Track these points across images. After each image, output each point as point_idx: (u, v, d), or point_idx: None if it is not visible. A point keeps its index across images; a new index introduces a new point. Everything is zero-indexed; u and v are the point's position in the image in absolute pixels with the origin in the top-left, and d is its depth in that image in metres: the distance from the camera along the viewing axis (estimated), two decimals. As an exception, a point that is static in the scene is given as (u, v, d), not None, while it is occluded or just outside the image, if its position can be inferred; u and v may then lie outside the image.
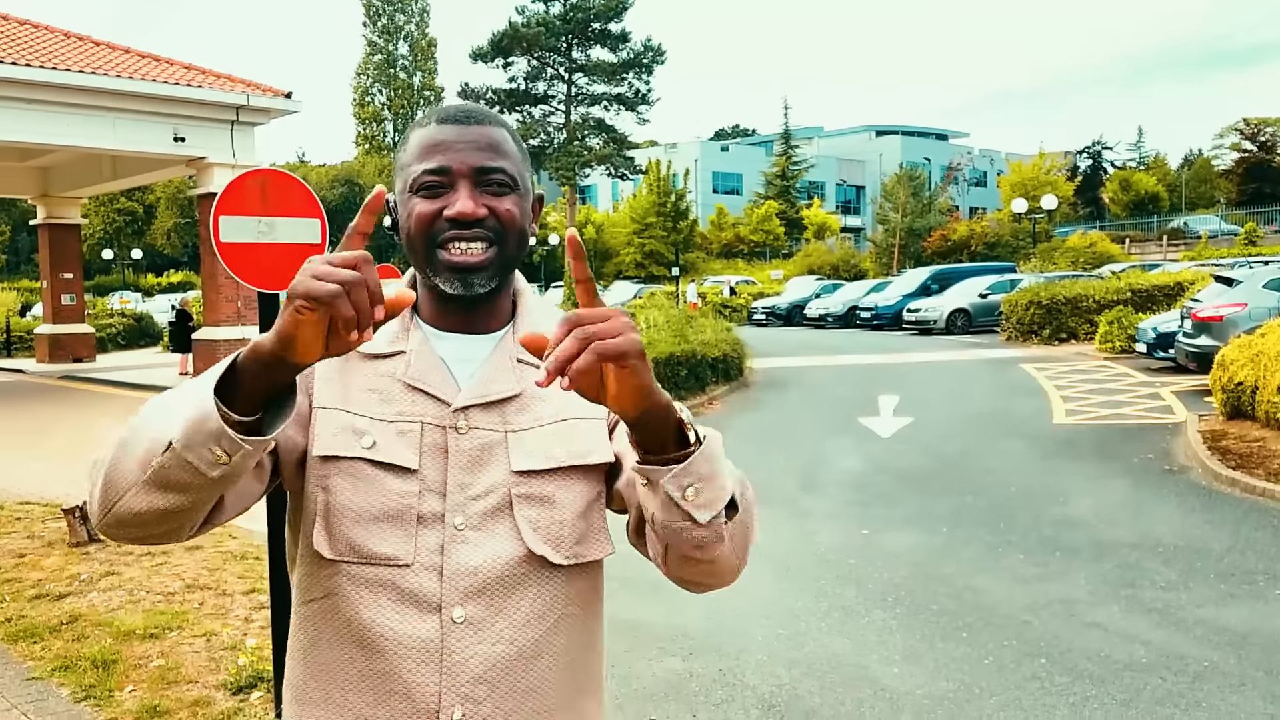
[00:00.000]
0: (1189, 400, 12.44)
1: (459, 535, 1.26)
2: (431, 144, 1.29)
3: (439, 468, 1.28)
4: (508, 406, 1.31)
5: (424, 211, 1.28)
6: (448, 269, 1.27)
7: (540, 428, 1.31)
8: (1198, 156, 75.91)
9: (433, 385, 1.30)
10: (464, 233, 1.27)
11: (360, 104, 72.05)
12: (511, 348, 1.35)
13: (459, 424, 1.29)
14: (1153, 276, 21.66)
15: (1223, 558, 6.38)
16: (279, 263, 3.96)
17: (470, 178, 1.28)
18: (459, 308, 1.33)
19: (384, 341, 1.34)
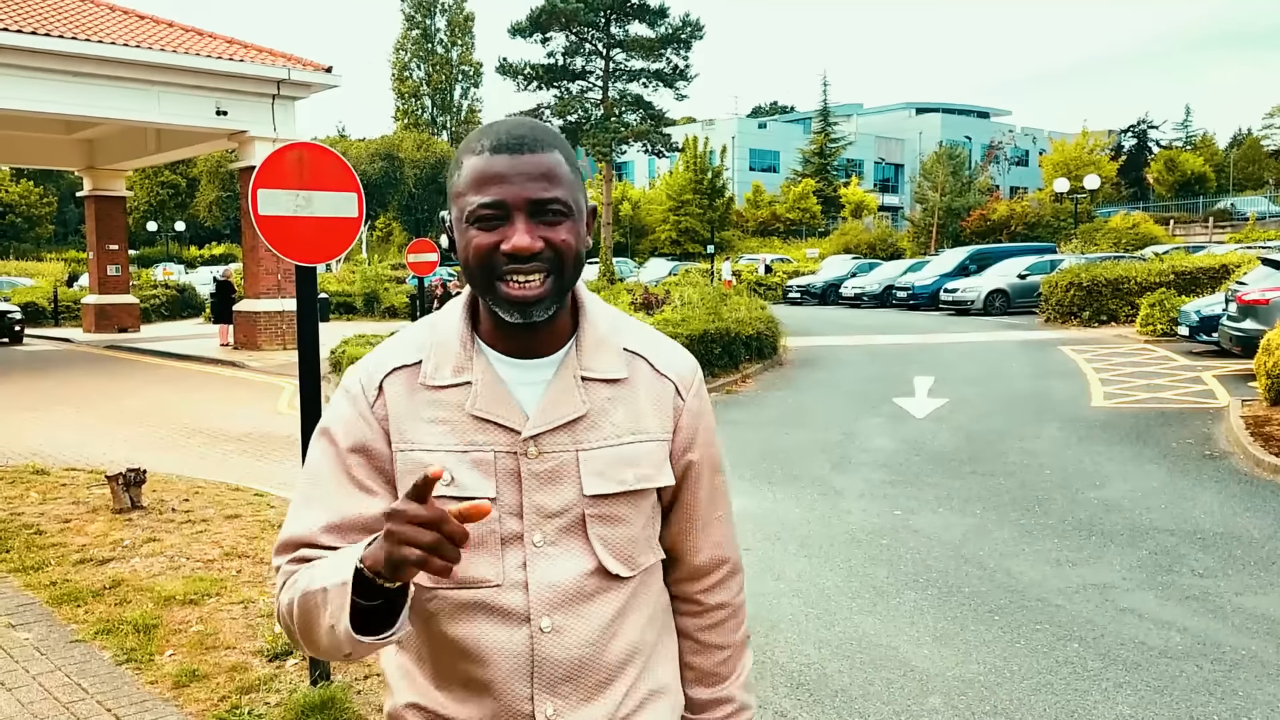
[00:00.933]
0: (1232, 385, 12.23)
1: (539, 552, 1.36)
2: (485, 176, 1.32)
3: (514, 491, 1.36)
4: (577, 426, 1.38)
5: (481, 244, 1.32)
6: (507, 302, 1.32)
7: (609, 448, 1.39)
8: (1247, 136, 74.30)
9: (501, 416, 1.37)
10: (522, 267, 1.31)
11: (399, 79, 72.24)
12: (575, 366, 1.40)
13: (529, 450, 1.36)
14: (1197, 259, 21.26)
15: (1263, 545, 6.29)
16: (316, 236, 3.99)
17: (525, 210, 1.31)
18: (520, 330, 1.38)
19: (449, 370, 1.40)
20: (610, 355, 1.42)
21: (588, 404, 1.39)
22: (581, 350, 1.41)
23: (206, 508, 7.24)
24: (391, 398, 1.38)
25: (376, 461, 1.39)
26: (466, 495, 1.32)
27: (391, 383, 1.39)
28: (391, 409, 1.38)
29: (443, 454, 1.35)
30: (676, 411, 1.46)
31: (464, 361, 1.38)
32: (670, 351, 1.49)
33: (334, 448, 1.40)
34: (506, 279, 1.31)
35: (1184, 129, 75.03)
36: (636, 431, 1.41)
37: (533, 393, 1.38)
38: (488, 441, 1.35)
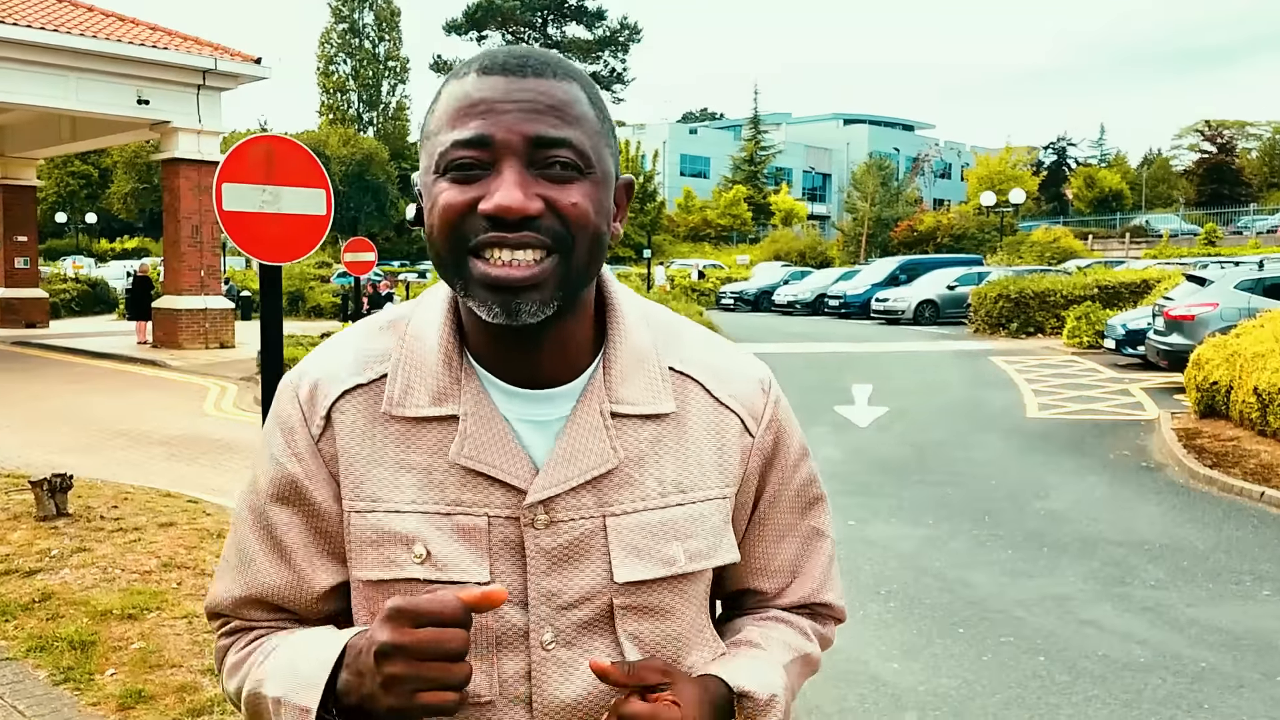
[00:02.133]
0: (1159, 397, 12.57)
1: (548, 656, 0.98)
2: (469, 103, 0.91)
3: (516, 572, 0.97)
4: (605, 483, 0.99)
5: (452, 202, 0.91)
6: (483, 286, 0.91)
7: (649, 512, 1.00)
8: (1157, 156, 76.99)
9: (499, 468, 0.97)
10: (507, 236, 0.89)
11: (324, 73, 70.84)
12: (603, 398, 1.00)
13: (537, 518, 0.97)
14: (1119, 273, 21.90)
15: (1208, 557, 6.42)
16: (283, 233, 3.80)
17: (521, 154, 0.90)
18: (516, 344, 0.97)
19: (425, 396, 0.98)
20: (651, 380, 1.02)
21: (620, 452, 0.99)
22: (611, 374, 1.01)
23: (138, 515, 6.90)
24: (344, 432, 0.99)
25: (315, 520, 1.01)
26: (448, 579, 0.96)
27: (344, 410, 1.00)
28: (344, 447, 0.99)
29: (416, 515, 0.97)
30: (744, 453, 1.06)
31: (447, 385, 0.98)
32: (734, 366, 1.09)
33: (255, 497, 1.05)
34: (484, 252, 0.90)
35: (1099, 147, 77.48)
36: (688, 488, 1.02)
37: (544, 436, 0.99)
38: (479, 502, 0.97)
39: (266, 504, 1.03)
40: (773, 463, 1.10)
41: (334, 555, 1.03)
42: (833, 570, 1.18)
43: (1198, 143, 69.27)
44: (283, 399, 1.04)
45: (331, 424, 1.00)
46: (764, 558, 1.12)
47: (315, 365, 1.04)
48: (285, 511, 1.02)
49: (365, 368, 1.02)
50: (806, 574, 1.15)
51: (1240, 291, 13.05)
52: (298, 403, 1.02)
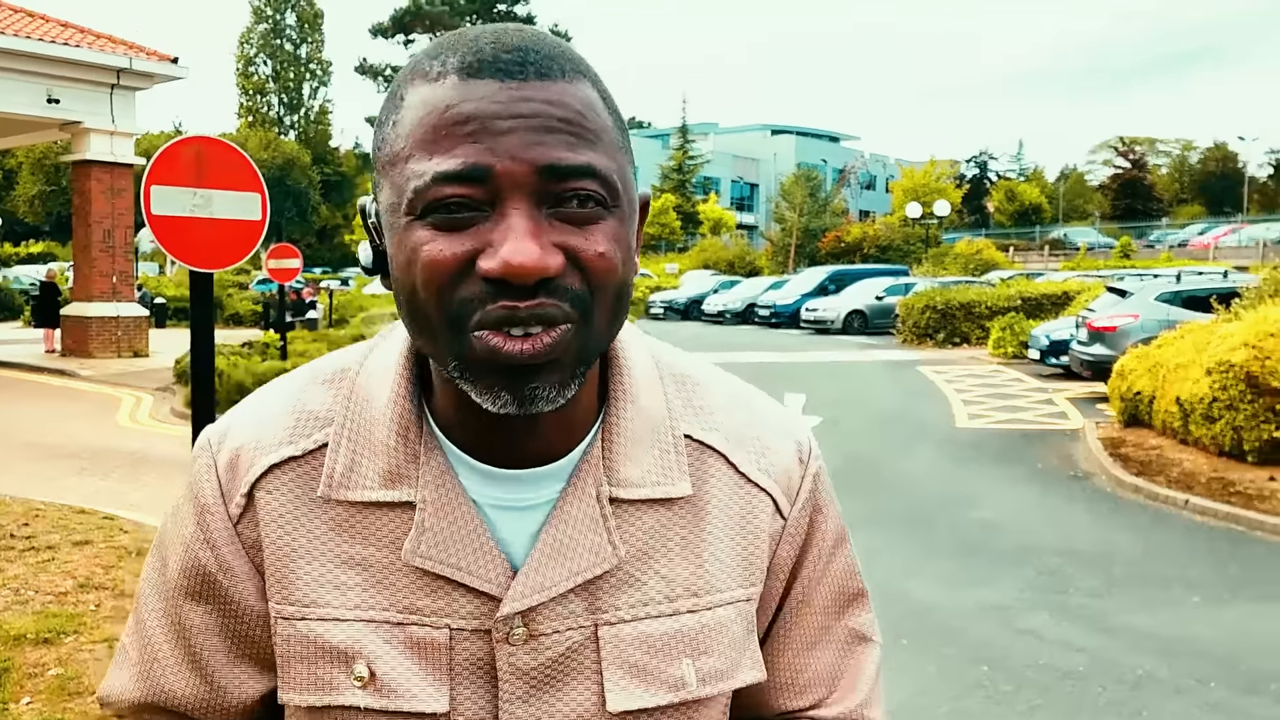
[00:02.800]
0: (1083, 407, 12.86)
1: None
2: (451, 119, 0.68)
3: (485, 700, 0.78)
4: (598, 585, 0.79)
5: (438, 259, 0.68)
6: (490, 370, 0.69)
7: (652, 620, 0.80)
8: (1073, 171, 79.42)
9: (466, 570, 0.77)
10: (519, 306, 0.67)
11: (244, 74, 69.38)
12: (600, 479, 0.79)
13: (514, 631, 0.77)
14: (1041, 285, 22.45)
15: (1138, 564, 6.54)
16: (216, 239, 3.62)
17: (530, 189, 0.68)
18: (511, 421, 0.74)
19: (374, 474, 0.78)
20: (664, 454, 0.81)
21: (620, 548, 0.79)
22: (614, 448, 0.80)
23: (50, 533, 6.58)
24: (269, 518, 0.79)
25: (234, 622, 0.82)
26: (395, 709, 0.77)
27: (270, 489, 0.80)
28: (268, 538, 0.79)
29: (358, 624, 0.78)
30: (773, 541, 0.86)
31: (402, 463, 0.78)
32: (767, 431, 0.87)
33: (162, 584, 0.85)
34: (489, 329, 0.68)
35: (1017, 161, 79.62)
36: (702, 591, 0.81)
37: (523, 524, 0.79)
38: (439, 610, 0.77)
39: (176, 597, 0.84)
40: (806, 552, 0.88)
41: (257, 660, 0.84)
42: (879, 685, 0.94)
43: (1111, 158, 71.64)
44: (198, 465, 0.83)
45: (254, 505, 0.80)
46: (792, 669, 0.90)
47: (240, 425, 0.83)
48: (198, 609, 0.83)
49: (299, 435, 0.80)
50: (846, 686, 0.91)
51: (1160, 303, 13.43)
52: (214, 473, 0.82)
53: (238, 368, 12.49)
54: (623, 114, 0.78)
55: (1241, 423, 8.55)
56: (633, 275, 0.74)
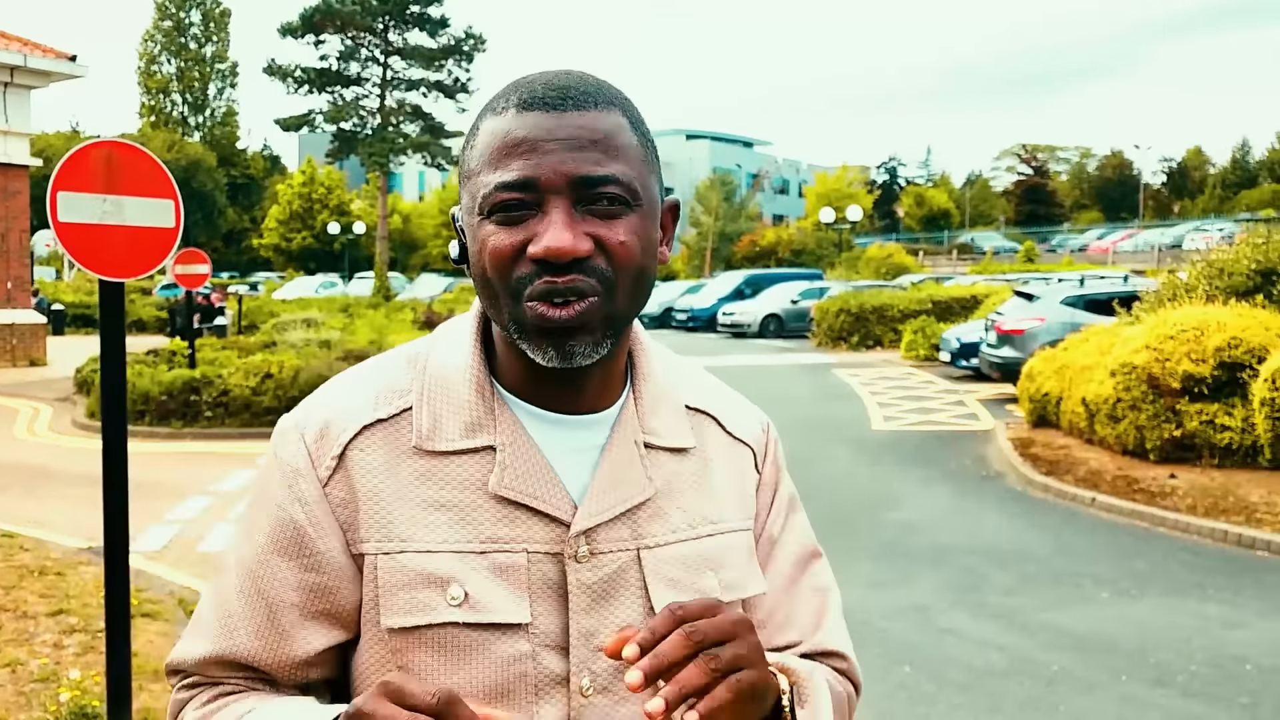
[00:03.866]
0: (992, 408, 13.21)
1: (586, 704, 0.94)
2: (510, 143, 0.90)
3: (556, 613, 0.94)
4: (639, 514, 0.97)
5: (500, 247, 0.90)
6: (537, 332, 0.90)
7: (681, 544, 0.99)
8: (978, 177, 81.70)
9: (541, 499, 0.94)
10: (557, 281, 0.88)
11: (146, 73, 67.20)
12: (636, 429, 1.00)
13: (580, 550, 0.94)
14: (950, 289, 23.00)
15: (1049, 562, 6.74)
16: (127, 247, 3.49)
17: (568, 194, 0.89)
18: (564, 378, 0.96)
19: (458, 429, 0.95)
20: (674, 415, 1.03)
21: (655, 481, 0.98)
22: (642, 406, 1.01)
23: (-55, 552, 6.26)
24: (362, 471, 0.94)
25: (311, 574, 0.95)
26: (487, 621, 0.92)
27: (363, 448, 0.95)
28: (363, 488, 0.94)
29: (449, 555, 0.92)
30: (755, 489, 1.08)
31: (481, 416, 0.96)
32: (741, 407, 1.12)
33: (247, 548, 0.98)
34: (536, 299, 0.89)
35: (925, 168, 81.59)
36: (714, 519, 1.02)
37: (579, 465, 0.96)
38: (518, 538, 0.93)
39: (262, 555, 0.97)
40: (775, 504, 1.11)
41: (329, 616, 0.97)
42: (843, 624, 1.14)
43: (1015, 165, 73.89)
44: (285, 442, 0.98)
45: (346, 464, 0.95)
46: (768, 609, 1.07)
47: (323, 405, 0.99)
48: (282, 564, 0.96)
49: (385, 402, 0.98)
50: (823, 628, 1.10)
51: (1064, 306, 13.88)
52: (304, 445, 0.97)
53: (143, 376, 12.07)
54: (650, 133, 0.99)
55: (1144, 422, 8.88)
56: (654, 263, 0.96)
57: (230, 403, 11.79)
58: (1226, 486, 8.04)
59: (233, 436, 11.50)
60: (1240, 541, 6.97)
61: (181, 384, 11.92)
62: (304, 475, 0.95)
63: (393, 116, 34.24)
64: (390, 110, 34.32)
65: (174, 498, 8.49)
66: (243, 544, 0.99)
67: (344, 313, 23.18)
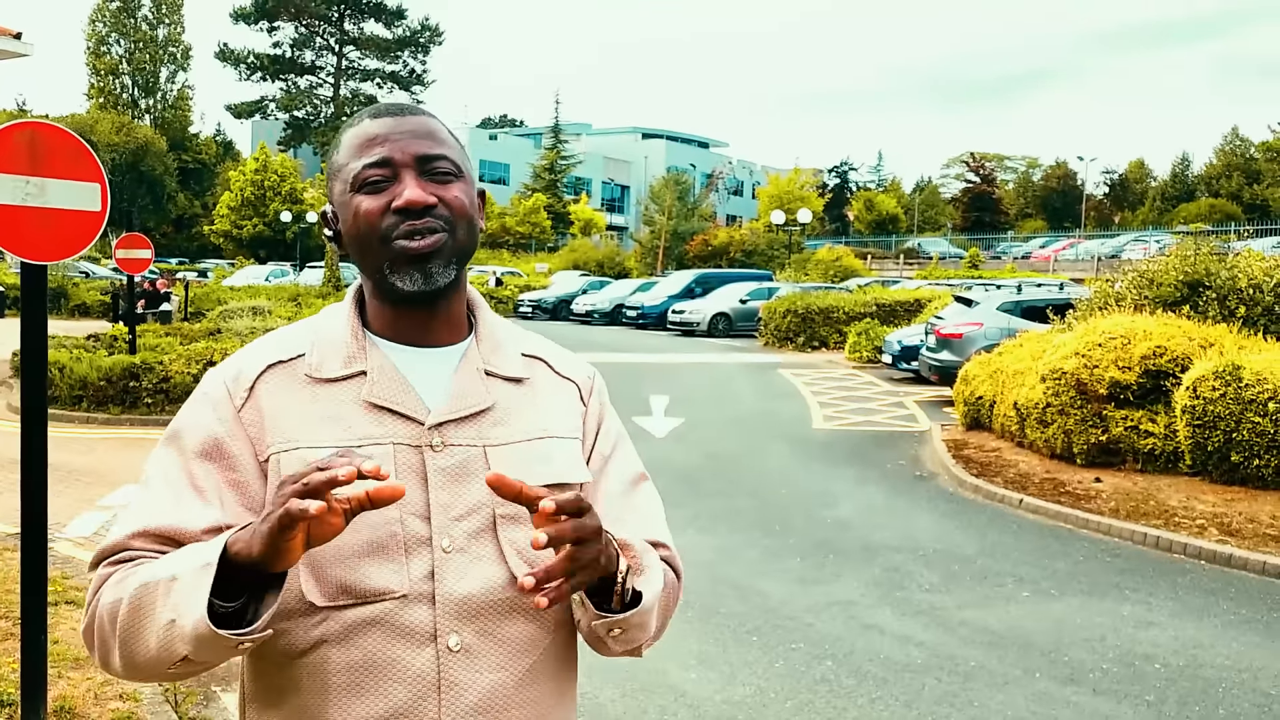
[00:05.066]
0: (930, 410, 13.44)
1: (447, 559, 1.21)
2: (368, 138, 1.26)
3: (419, 489, 1.21)
4: (483, 419, 1.27)
5: (371, 208, 1.23)
6: (405, 260, 1.22)
7: (518, 444, 1.28)
8: (927, 183, 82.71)
9: (401, 403, 1.24)
10: (416, 223, 1.22)
11: (94, 53, 65.74)
12: (477, 360, 1.31)
13: (434, 441, 1.23)
14: (894, 292, 23.32)
15: (975, 561, 6.90)
16: (51, 230, 3.47)
17: (414, 167, 1.24)
18: (417, 313, 1.28)
19: (338, 363, 1.27)
20: (511, 355, 1.35)
21: (492, 397, 1.29)
22: (483, 345, 1.32)
23: None
24: (266, 396, 1.24)
25: (231, 473, 1.22)
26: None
27: (266, 380, 1.25)
28: (267, 408, 1.23)
29: (332, 450, 1.15)
30: (582, 416, 1.38)
31: (355, 352, 1.27)
32: (569, 357, 1.43)
33: (176, 454, 1.24)
34: (401, 238, 1.22)
35: (876, 172, 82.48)
36: (545, 430, 1.31)
37: (433, 383, 1.27)
38: (385, 434, 1.22)
39: (187, 459, 1.22)
40: (601, 430, 1.39)
41: (243, 505, 1.21)
42: (666, 527, 1.41)
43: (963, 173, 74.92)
44: (210, 383, 1.28)
45: (254, 394, 1.24)
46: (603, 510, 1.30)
47: (238, 357, 1.29)
48: (205, 463, 1.21)
49: (284, 350, 1.28)
50: (643, 524, 1.37)
51: (1002, 313, 14.15)
52: (223, 383, 1.26)
53: (81, 361, 11.87)
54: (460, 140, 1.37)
55: (1071, 427, 9.11)
56: (478, 219, 1.31)
57: (171, 390, 11.64)
58: (1148, 491, 8.28)
59: (170, 425, 11.34)
60: (1159, 544, 7.20)
61: (121, 370, 11.74)
62: (222, 403, 1.24)
63: (347, 106, 33.89)
64: (345, 100, 33.98)
65: (107, 485, 8.37)
66: (165, 456, 1.24)
67: (293, 302, 22.91)
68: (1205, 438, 8.13)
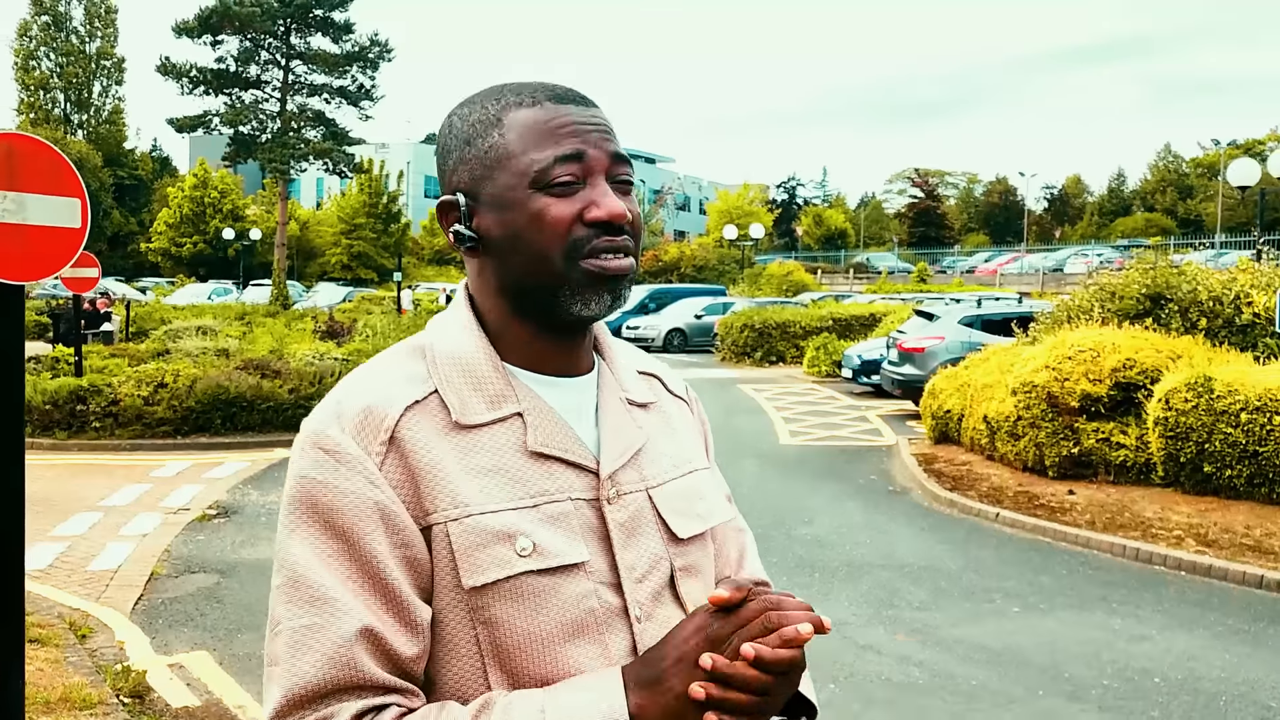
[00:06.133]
0: (894, 424, 13.48)
1: (643, 631, 1.03)
2: (559, 126, 1.03)
3: (602, 553, 1.03)
4: (640, 459, 1.10)
5: (562, 214, 1.02)
6: (596, 282, 1.03)
7: (674, 482, 1.13)
8: (872, 199, 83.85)
9: (570, 451, 1.05)
10: (615, 240, 1.03)
11: (23, 68, 64.14)
12: (616, 388, 1.14)
13: (611, 494, 1.05)
14: (849, 307, 23.49)
15: (960, 577, 6.86)
16: (28, 247, 3.26)
17: (606, 170, 1.05)
18: (570, 339, 1.09)
19: (483, 402, 1.04)
20: (635, 377, 1.18)
21: (644, 430, 1.12)
22: (615, 369, 1.15)
23: None
24: (416, 447, 0.99)
25: (408, 550, 0.98)
26: (556, 565, 1.00)
27: (411, 426, 1.00)
28: (421, 462, 0.98)
29: (509, 513, 0.99)
30: (703, 436, 1.26)
31: (501, 388, 1.04)
32: (669, 370, 1.27)
33: (331, 535, 0.96)
34: (594, 256, 1.03)
35: (822, 188, 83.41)
36: (688, 460, 1.16)
37: (581, 421, 1.08)
38: (560, 489, 1.03)
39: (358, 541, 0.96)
40: (708, 448, 1.27)
41: (422, 590, 0.99)
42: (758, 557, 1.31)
43: (906, 189, 76.04)
44: (328, 437, 0.99)
45: (398, 444, 0.99)
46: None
47: (354, 398, 1.02)
48: (377, 542, 0.96)
49: (413, 388, 1.03)
50: (741, 558, 1.25)
51: (963, 326, 14.26)
52: (348, 436, 0.99)
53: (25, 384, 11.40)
54: None
55: (1043, 440, 9.15)
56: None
57: (121, 413, 11.25)
58: (1122, 502, 8.33)
59: (123, 448, 10.97)
60: (1139, 556, 7.22)
61: (67, 393, 11.32)
62: (362, 462, 0.97)
63: (294, 121, 33.37)
64: (291, 115, 33.43)
65: (59, 514, 8.04)
66: (319, 538, 0.96)
67: (241, 320, 22.42)
68: (1178, 449, 8.20)
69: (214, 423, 11.45)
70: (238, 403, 11.55)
